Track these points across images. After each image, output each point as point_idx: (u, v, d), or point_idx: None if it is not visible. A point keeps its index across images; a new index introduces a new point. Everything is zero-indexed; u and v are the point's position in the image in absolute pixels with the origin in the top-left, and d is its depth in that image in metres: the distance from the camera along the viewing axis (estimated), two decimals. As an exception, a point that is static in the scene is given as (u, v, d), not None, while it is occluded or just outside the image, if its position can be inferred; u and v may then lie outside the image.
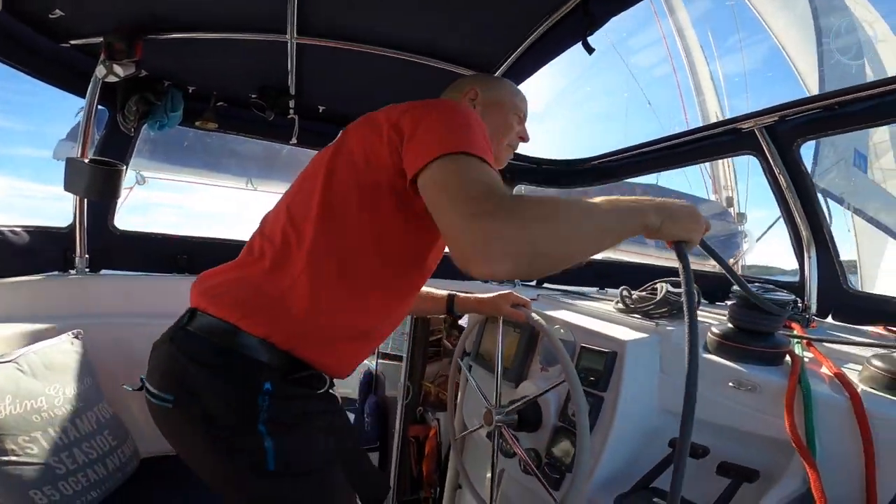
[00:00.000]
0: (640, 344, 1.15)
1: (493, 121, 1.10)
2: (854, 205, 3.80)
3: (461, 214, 0.65)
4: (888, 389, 0.83)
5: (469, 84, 1.16)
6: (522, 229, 0.62)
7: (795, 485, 0.80)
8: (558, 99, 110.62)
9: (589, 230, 0.69)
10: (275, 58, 1.43)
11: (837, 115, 1.33)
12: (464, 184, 0.69)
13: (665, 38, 6.94)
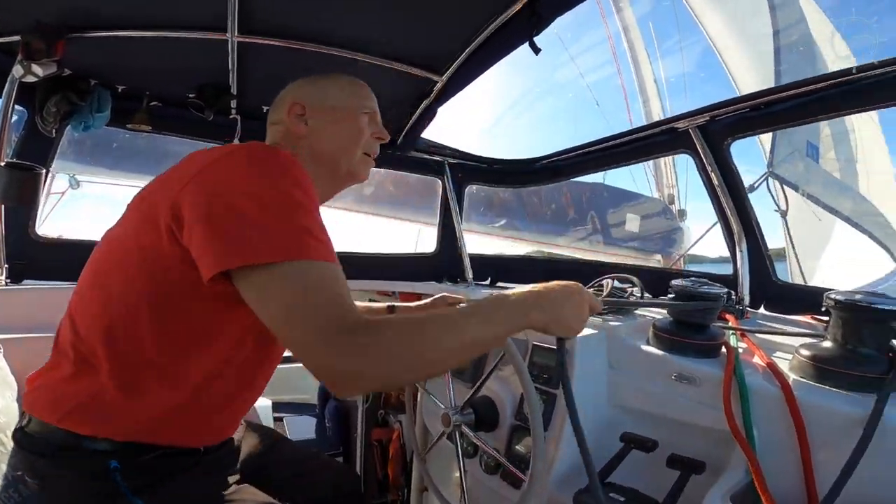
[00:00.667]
0: (590, 340, 1.18)
1: (338, 131, 0.95)
2: (806, 191, 4.08)
3: (310, 344, 0.61)
4: (816, 378, 0.89)
5: (290, 97, 0.95)
6: (382, 365, 0.61)
7: (739, 475, 0.84)
8: (509, 100, 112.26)
9: (457, 346, 0.67)
10: (215, 56, 1.36)
11: (763, 115, 1.40)
12: (307, 305, 0.63)
13: (611, 37, 7.19)
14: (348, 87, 0.99)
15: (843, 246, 4.49)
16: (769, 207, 3.28)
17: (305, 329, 0.62)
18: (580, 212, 4.90)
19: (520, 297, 0.74)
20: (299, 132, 0.93)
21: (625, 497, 0.88)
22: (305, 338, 0.62)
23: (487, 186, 2.38)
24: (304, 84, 0.98)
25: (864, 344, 0.88)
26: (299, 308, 0.63)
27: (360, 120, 0.97)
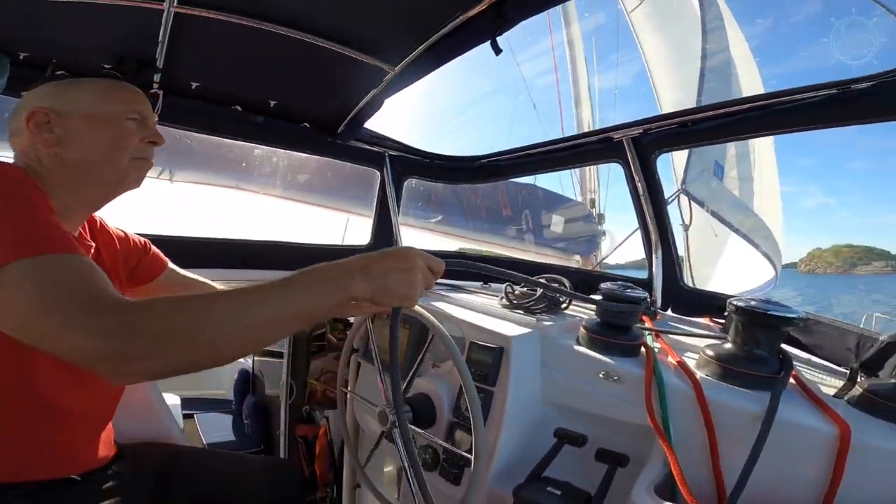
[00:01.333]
0: (524, 339, 1.23)
1: (96, 139, 0.88)
2: (711, 207, 4.54)
3: (64, 332, 0.57)
4: (719, 376, 1.00)
5: (30, 105, 0.87)
6: (154, 344, 0.58)
7: (659, 468, 0.91)
8: (458, 95, 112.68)
9: (251, 324, 0.63)
10: (143, 26, 1.24)
11: (688, 132, 1.52)
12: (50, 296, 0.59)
13: (555, 48, 7.46)
14: (109, 92, 0.93)
15: (734, 256, 5.07)
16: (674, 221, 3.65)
17: (54, 318, 0.58)
18: (515, 211, 5.07)
19: (338, 268, 0.70)
20: (45, 141, 0.85)
21: (560, 491, 0.93)
22: (58, 328, 0.57)
23: (427, 181, 2.38)
24: (50, 91, 0.90)
25: (760, 346, 1.01)
26: (42, 300, 0.59)
27: (124, 126, 0.91)
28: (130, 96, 0.95)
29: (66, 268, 0.62)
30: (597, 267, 5.11)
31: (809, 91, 1.19)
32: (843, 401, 0.95)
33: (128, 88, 0.96)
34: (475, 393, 1.01)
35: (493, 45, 1.25)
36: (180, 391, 2.75)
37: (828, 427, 0.83)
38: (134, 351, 0.57)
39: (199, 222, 2.15)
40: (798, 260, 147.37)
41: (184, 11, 1.19)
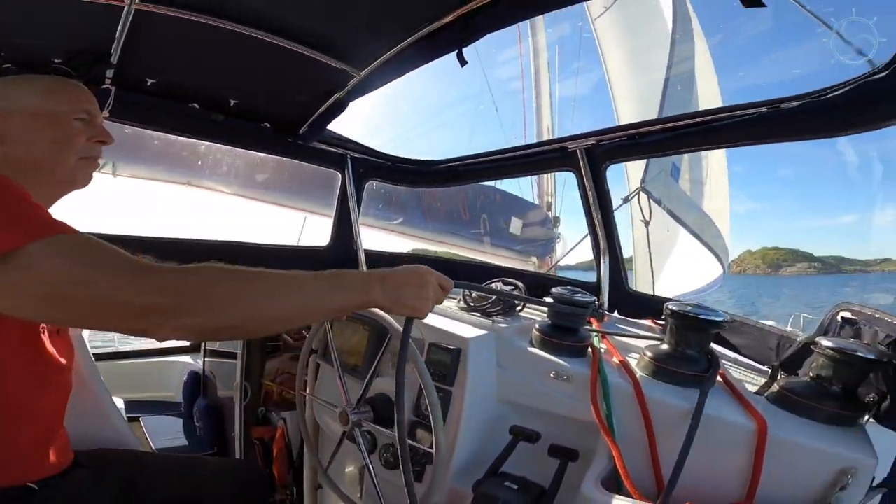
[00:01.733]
0: (480, 340, 1.28)
1: (41, 138, 0.87)
2: (667, 206, 4.80)
3: (121, 289, 0.60)
4: (656, 375, 1.10)
5: None
6: (198, 304, 0.63)
7: (605, 461, 0.99)
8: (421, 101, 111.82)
9: (293, 304, 0.71)
10: (100, 22, 1.20)
11: (636, 144, 1.60)
12: (89, 262, 0.62)
13: (521, 56, 7.59)
14: (54, 90, 0.92)
15: (685, 254, 5.37)
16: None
17: (101, 284, 0.60)
18: (474, 214, 5.16)
19: (362, 275, 0.80)
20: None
21: (517, 485, 0.99)
22: (107, 291, 0.60)
23: (388, 184, 2.41)
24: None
25: (691, 347, 1.11)
26: (83, 270, 0.61)
27: (70, 125, 0.90)
28: (77, 94, 0.94)
29: (90, 241, 0.64)
30: (552, 269, 5.29)
31: (744, 109, 1.28)
32: (763, 397, 1.06)
33: (73, 86, 0.95)
34: (435, 393, 1.06)
35: (459, 55, 1.28)
36: (123, 394, 2.64)
37: (748, 422, 0.93)
38: (185, 304, 0.61)
39: (148, 220, 2.08)
40: (730, 262, 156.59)
41: (146, 9, 1.16)
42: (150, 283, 0.61)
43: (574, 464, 1.04)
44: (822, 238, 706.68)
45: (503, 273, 2.00)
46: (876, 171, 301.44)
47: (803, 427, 0.94)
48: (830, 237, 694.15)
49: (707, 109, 1.40)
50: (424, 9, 1.16)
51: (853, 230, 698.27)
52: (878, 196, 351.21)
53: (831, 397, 0.97)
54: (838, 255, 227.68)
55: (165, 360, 3.36)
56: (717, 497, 0.91)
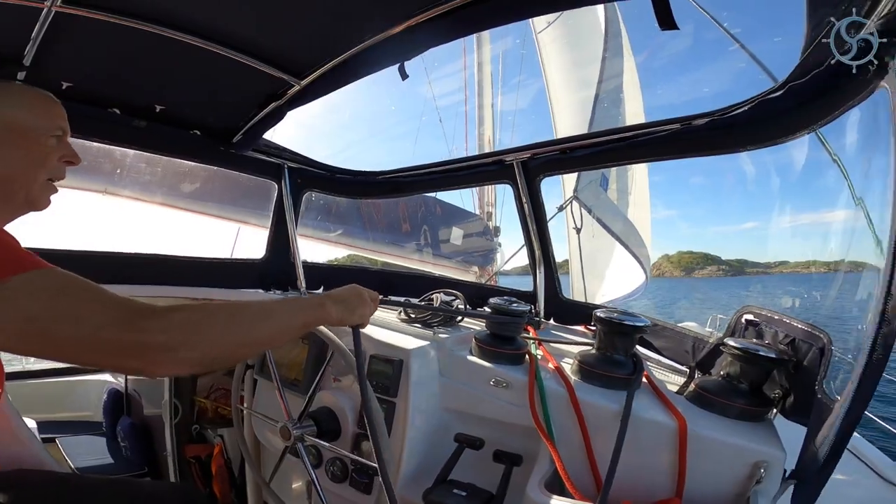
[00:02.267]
0: (422, 351, 1.30)
1: (15, 155, 0.81)
2: (596, 214, 5.07)
3: (106, 333, 0.60)
4: (587, 379, 1.16)
5: None
6: (191, 341, 0.66)
7: (547, 464, 1.02)
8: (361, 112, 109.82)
9: (266, 331, 0.77)
10: (15, 22, 1.10)
11: (568, 158, 1.67)
12: (84, 301, 0.62)
13: (465, 68, 7.70)
14: (36, 104, 0.86)
15: (614, 260, 5.68)
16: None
17: (89, 323, 0.60)
18: (415, 225, 5.18)
19: (316, 297, 0.92)
20: None
21: (465, 492, 1.01)
22: (98, 330, 0.60)
23: (327, 195, 2.37)
24: None
25: (617, 351, 1.19)
26: (70, 308, 0.61)
27: (46, 143, 0.85)
28: (54, 110, 0.87)
29: (70, 279, 0.64)
30: (492, 279, 5.41)
31: (661, 125, 1.38)
32: (682, 397, 1.15)
33: (51, 100, 0.88)
34: (378, 407, 1.05)
35: (401, 69, 1.30)
36: (34, 415, 2.42)
37: (671, 421, 1.00)
38: (186, 341, 0.64)
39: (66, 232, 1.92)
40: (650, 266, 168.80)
41: (68, 11, 1.08)
42: (152, 323, 0.62)
43: (518, 468, 1.08)
44: (729, 242, 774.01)
45: (443, 284, 2.03)
46: (774, 181, 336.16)
47: (718, 424, 1.01)
48: (735, 242, 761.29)
49: (630, 126, 1.49)
50: (370, 20, 1.16)
51: (755, 235, 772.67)
52: (775, 205, 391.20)
53: (740, 394, 1.05)
54: (743, 258, 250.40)
55: (81, 378, 3.10)
56: (651, 493, 0.97)
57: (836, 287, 1.81)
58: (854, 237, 1.72)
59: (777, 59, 2.47)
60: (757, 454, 0.92)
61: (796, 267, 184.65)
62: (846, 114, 1.00)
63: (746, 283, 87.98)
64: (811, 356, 1.05)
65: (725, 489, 0.94)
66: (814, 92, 1.00)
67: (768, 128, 1.15)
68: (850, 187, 1.80)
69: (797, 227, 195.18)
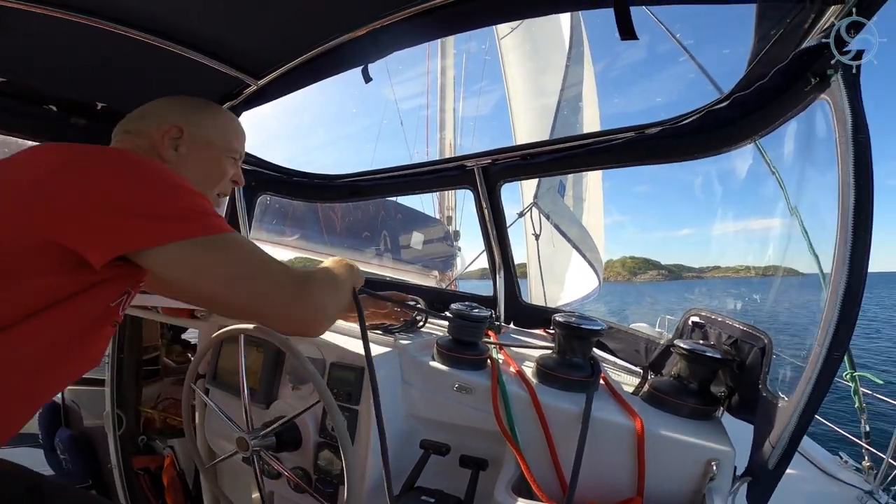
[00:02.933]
0: (384, 358, 1.29)
1: (203, 167, 0.95)
2: (554, 220, 5.19)
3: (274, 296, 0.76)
4: (548, 382, 1.18)
5: (170, 117, 0.93)
6: (328, 303, 0.84)
7: (513, 468, 1.03)
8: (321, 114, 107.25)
9: (344, 294, 0.94)
10: None
11: (528, 164, 1.69)
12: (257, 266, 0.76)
13: (429, 73, 7.69)
14: (229, 126, 1.01)
15: (567, 265, 5.84)
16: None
17: (265, 286, 0.75)
18: (374, 230, 5.11)
19: (343, 261, 1.03)
20: (166, 156, 0.91)
21: (434, 498, 1.00)
22: (268, 294, 0.75)
23: (283, 198, 2.31)
24: (186, 107, 0.97)
25: (576, 354, 1.22)
26: (251, 270, 0.75)
27: (226, 162, 0.99)
28: (238, 133, 1.02)
29: (246, 245, 0.77)
30: (452, 283, 5.42)
31: (617, 133, 1.42)
32: (638, 397, 1.19)
33: (238, 123, 1.03)
34: (340, 416, 1.03)
35: (364, 72, 1.27)
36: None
37: (628, 422, 1.02)
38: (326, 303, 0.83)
39: None
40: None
41: (4, 4, 1.00)
42: (313, 286, 0.81)
43: (484, 472, 1.08)
44: (667, 248, 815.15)
45: (404, 289, 2.01)
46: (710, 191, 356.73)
47: (672, 422, 1.04)
48: (673, 247, 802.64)
49: (588, 133, 1.54)
50: (334, 21, 1.13)
51: (690, 241, 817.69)
52: (709, 212, 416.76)
53: (690, 394, 1.10)
54: (680, 262, 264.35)
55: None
56: (614, 493, 0.99)
57: (771, 290, 1.94)
58: (785, 243, 1.86)
59: (722, 70, 2.62)
60: (708, 452, 0.95)
61: (727, 272, 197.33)
62: (785, 125, 1.05)
63: (689, 287, 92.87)
64: (753, 356, 1.10)
65: (682, 486, 0.97)
66: (757, 103, 1.06)
67: (715, 137, 1.20)
68: (785, 196, 1.93)
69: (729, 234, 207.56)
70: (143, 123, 0.93)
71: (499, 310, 1.88)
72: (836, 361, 0.81)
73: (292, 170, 2.16)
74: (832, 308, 0.79)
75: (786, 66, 0.91)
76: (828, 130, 0.86)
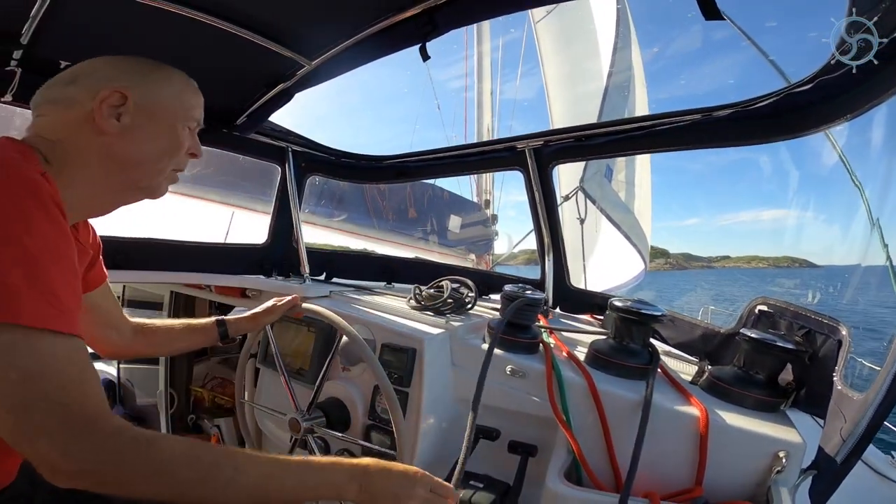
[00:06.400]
0: (435, 339, 1.28)
1: (155, 140, 0.79)
2: (601, 205, 5.10)
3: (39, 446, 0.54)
4: (604, 368, 1.15)
5: (110, 80, 0.76)
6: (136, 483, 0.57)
7: (564, 454, 1.02)
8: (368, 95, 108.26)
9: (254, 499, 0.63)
10: (10, 0, 1.05)
11: (582, 146, 1.65)
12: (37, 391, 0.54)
13: (468, 58, 7.66)
14: (186, 88, 0.85)
15: (612, 249, 5.72)
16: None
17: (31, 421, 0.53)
18: (420, 212, 5.14)
19: (346, 470, 0.72)
20: (106, 128, 0.74)
21: (482, 483, 1.00)
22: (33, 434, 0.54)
23: (331, 179, 2.33)
24: (130, 68, 0.79)
25: (633, 340, 1.18)
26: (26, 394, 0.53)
27: (181, 130, 0.83)
28: (197, 98, 0.87)
29: (60, 358, 0.55)
30: (492, 266, 5.41)
31: (680, 115, 1.36)
32: (697, 387, 1.15)
33: (195, 86, 0.87)
34: (393, 394, 1.04)
35: (423, 50, 1.23)
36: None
37: (691, 411, 0.99)
38: (109, 478, 0.55)
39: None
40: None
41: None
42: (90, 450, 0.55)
43: (534, 459, 1.07)
44: (673, 237, 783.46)
45: (449, 271, 2.00)
46: (715, 181, 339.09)
47: (735, 413, 1.01)
48: (679, 236, 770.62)
49: (647, 115, 1.48)
50: (387, 1, 1.11)
51: (698, 231, 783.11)
52: (716, 203, 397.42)
53: (756, 385, 1.06)
54: (686, 252, 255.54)
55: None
56: (670, 483, 0.97)
57: (840, 282, 1.82)
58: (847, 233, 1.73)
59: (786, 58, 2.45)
60: (777, 444, 0.92)
61: (738, 262, 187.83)
62: (868, 112, 0.99)
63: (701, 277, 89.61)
64: (827, 348, 1.05)
65: (746, 479, 0.94)
66: (842, 87, 0.99)
67: (792, 121, 1.14)
68: (859, 187, 1.79)
69: (737, 224, 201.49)
70: (74, 90, 0.75)
71: (547, 293, 1.85)
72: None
73: (340, 151, 2.17)
74: None
75: (884, 48, 0.83)
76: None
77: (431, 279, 1.70)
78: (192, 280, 1.99)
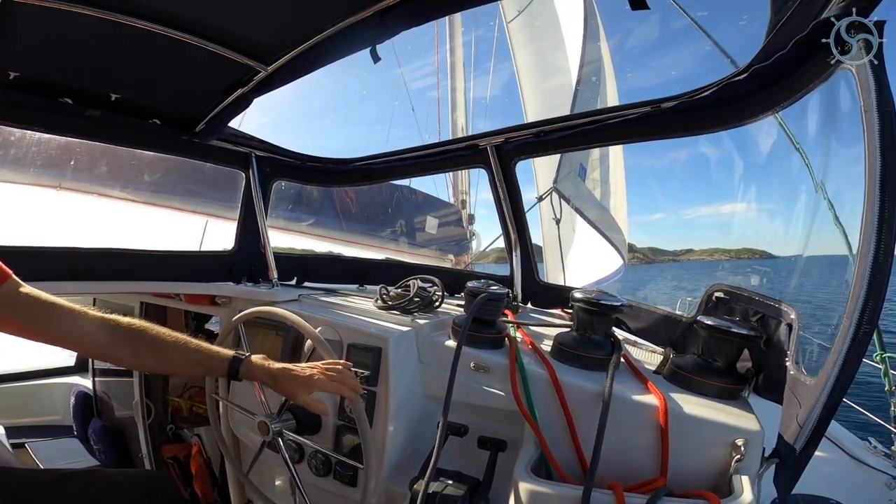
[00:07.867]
0: (401, 338, 1.28)
1: None
2: (575, 204, 5.10)
3: None
4: (567, 360, 1.16)
5: None
6: None
7: (532, 448, 1.01)
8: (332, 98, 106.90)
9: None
10: None
11: (541, 141, 1.66)
12: None
13: (438, 54, 7.59)
14: None
15: (590, 246, 5.77)
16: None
17: None
18: (391, 213, 5.11)
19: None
20: None
21: (452, 479, 0.99)
22: None
23: (297, 183, 2.31)
24: None
25: (596, 332, 1.19)
26: None
27: None
28: None
29: None
30: (468, 266, 5.42)
31: (631, 108, 1.38)
32: (660, 376, 1.14)
33: None
34: (359, 398, 1.03)
35: (373, 52, 1.25)
36: (4, 420, 2.34)
37: (651, 400, 0.99)
38: None
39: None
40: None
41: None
42: None
43: (503, 453, 1.07)
44: (640, 232, 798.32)
45: (418, 271, 2.01)
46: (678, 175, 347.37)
47: (696, 402, 1.01)
48: (645, 231, 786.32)
49: (601, 109, 1.51)
50: (341, 3, 1.11)
51: (662, 225, 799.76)
52: (679, 197, 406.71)
53: (716, 372, 1.06)
54: (653, 246, 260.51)
55: (46, 381, 2.98)
56: (636, 473, 0.96)
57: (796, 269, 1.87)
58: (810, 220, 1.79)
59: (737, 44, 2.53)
60: (736, 432, 0.92)
61: (702, 255, 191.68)
62: (807, 97, 1.00)
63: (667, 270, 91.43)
64: (780, 332, 1.06)
65: (708, 467, 0.94)
66: (776, 75, 1.02)
67: (734, 110, 1.17)
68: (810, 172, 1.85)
69: (699, 218, 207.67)
70: None
71: (516, 289, 1.86)
72: (865, 336, 0.77)
73: (306, 155, 2.15)
74: (860, 280, 0.76)
75: (806, 37, 0.86)
76: (852, 101, 0.82)
77: (402, 279, 1.71)
78: (159, 289, 1.95)
